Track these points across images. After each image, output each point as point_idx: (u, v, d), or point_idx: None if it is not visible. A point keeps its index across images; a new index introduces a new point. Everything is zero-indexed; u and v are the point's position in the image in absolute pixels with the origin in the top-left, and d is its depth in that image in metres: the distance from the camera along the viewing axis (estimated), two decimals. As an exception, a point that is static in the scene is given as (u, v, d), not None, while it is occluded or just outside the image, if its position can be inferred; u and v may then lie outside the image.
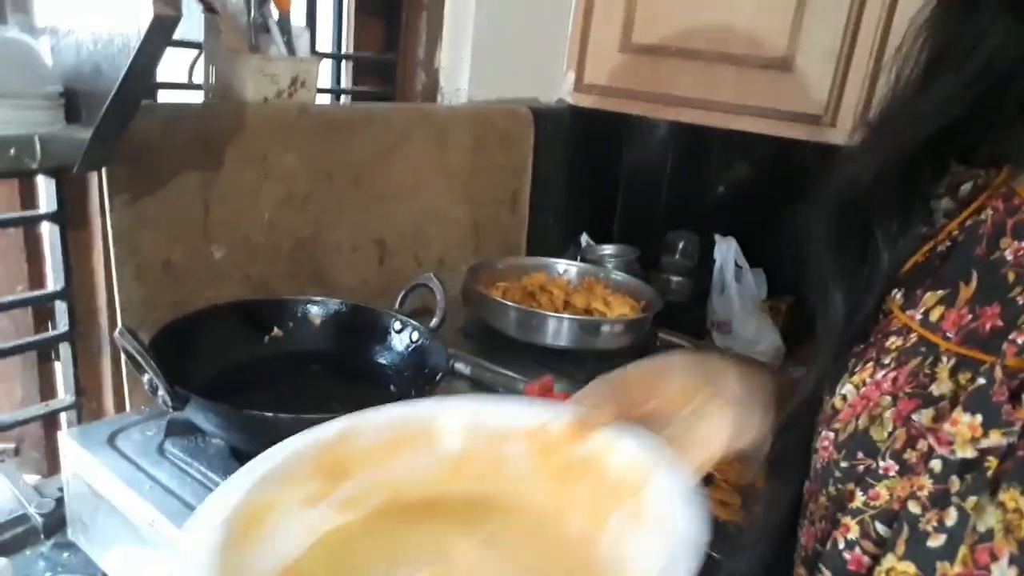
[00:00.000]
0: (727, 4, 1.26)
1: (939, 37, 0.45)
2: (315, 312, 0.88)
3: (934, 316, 0.43)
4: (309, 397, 0.81)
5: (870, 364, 0.45)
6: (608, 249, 1.50)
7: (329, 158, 1.03)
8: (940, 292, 0.43)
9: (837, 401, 0.46)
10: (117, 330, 0.60)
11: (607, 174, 1.70)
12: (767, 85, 1.26)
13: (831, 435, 0.45)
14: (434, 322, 0.86)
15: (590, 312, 1.11)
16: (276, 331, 0.86)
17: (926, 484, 0.38)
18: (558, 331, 1.05)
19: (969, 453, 0.36)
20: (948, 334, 0.41)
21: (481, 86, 1.29)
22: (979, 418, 0.36)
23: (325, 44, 1.21)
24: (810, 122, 1.24)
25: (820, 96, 1.22)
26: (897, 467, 0.40)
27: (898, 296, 0.47)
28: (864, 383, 0.45)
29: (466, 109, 1.25)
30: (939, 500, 0.37)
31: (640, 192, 1.73)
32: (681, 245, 1.62)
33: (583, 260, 1.48)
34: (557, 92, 1.45)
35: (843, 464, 0.43)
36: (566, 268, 1.27)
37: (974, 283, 0.42)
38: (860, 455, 0.43)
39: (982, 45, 0.42)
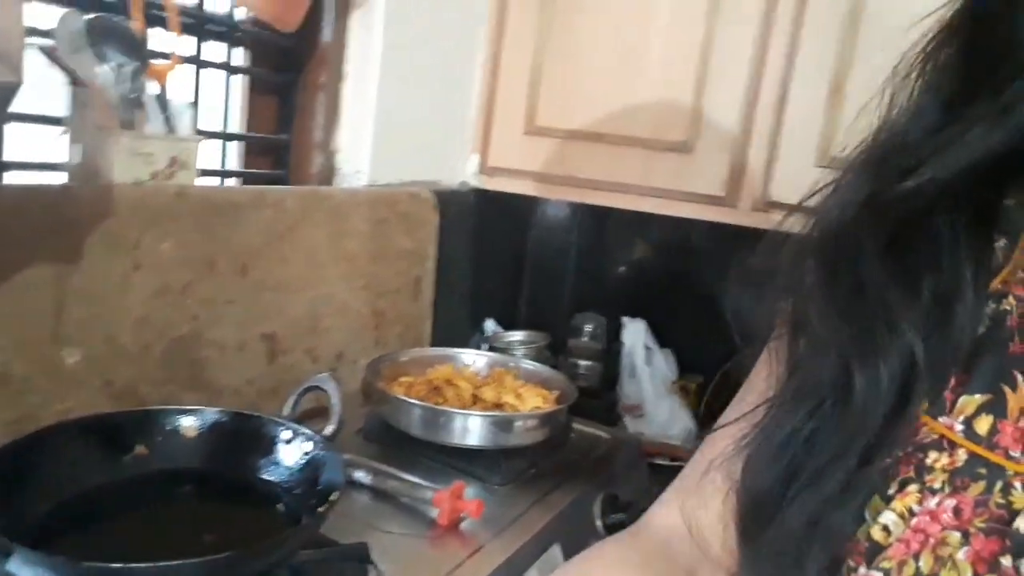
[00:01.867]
0: (630, 88, 1.27)
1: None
2: (188, 423, 0.77)
3: (981, 428, 0.38)
4: (176, 528, 0.69)
5: (912, 487, 0.39)
6: (516, 335, 1.45)
7: (212, 245, 0.93)
8: (979, 397, 0.38)
9: (876, 532, 0.39)
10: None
11: (513, 257, 1.66)
12: (670, 167, 1.27)
13: (877, 575, 0.39)
14: (329, 429, 0.76)
15: (501, 406, 1.04)
16: (140, 448, 0.74)
17: None
18: (467, 429, 0.97)
19: None
20: (1012, 453, 0.37)
21: (382, 168, 1.23)
22: None
23: (216, 124, 1.12)
24: (712, 203, 1.25)
25: (720, 177, 1.24)
26: None
27: None
28: (911, 511, 0.38)
29: (366, 192, 1.18)
30: None
31: (546, 275, 1.71)
32: (589, 328, 1.58)
33: (491, 348, 1.41)
34: (461, 175, 1.41)
35: None
36: (474, 359, 1.20)
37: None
38: None
39: None
